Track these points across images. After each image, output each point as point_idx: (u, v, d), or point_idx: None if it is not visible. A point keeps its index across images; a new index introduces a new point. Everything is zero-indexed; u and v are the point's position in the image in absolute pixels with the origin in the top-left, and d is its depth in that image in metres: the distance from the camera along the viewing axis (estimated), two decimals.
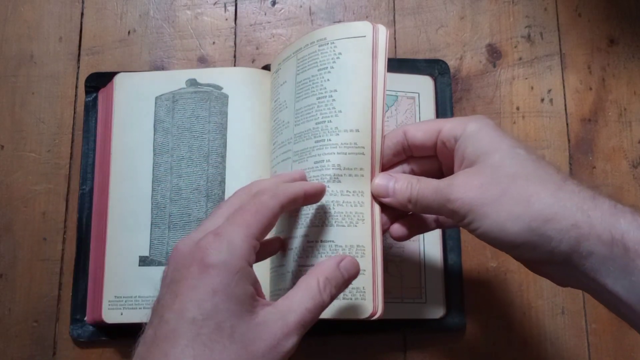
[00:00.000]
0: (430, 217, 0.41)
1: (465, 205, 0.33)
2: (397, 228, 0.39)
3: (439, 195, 0.35)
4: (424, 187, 0.36)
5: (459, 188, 0.34)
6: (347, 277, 0.34)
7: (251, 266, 0.31)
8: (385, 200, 0.37)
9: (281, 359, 0.30)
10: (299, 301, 0.32)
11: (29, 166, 0.51)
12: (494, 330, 0.49)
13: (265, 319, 0.30)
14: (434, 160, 0.39)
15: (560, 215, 0.31)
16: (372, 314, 0.37)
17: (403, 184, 0.37)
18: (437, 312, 0.48)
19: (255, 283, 0.31)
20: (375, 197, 0.38)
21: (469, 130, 0.36)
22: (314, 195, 0.37)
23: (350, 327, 0.47)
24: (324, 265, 0.34)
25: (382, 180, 0.38)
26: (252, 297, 0.31)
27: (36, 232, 0.49)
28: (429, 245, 0.49)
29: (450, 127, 0.37)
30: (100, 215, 0.48)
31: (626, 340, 0.50)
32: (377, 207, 0.38)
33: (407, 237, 0.40)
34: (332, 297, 0.33)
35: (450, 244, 0.50)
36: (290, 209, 0.36)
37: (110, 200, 0.48)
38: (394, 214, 0.39)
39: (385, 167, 0.39)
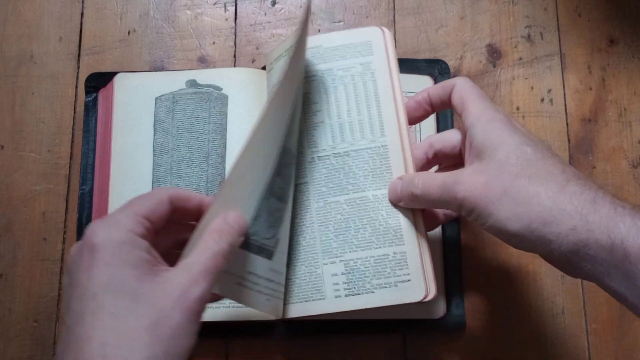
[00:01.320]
0: (439, 211, 0.43)
1: (471, 203, 0.34)
2: None
3: (445, 191, 0.36)
4: (430, 183, 0.37)
5: (465, 186, 0.35)
6: (237, 228, 0.35)
7: (143, 237, 0.32)
8: (401, 204, 0.40)
9: (194, 305, 0.31)
10: (198, 255, 0.33)
11: (29, 166, 0.51)
12: (494, 330, 0.49)
13: (168, 277, 0.31)
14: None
15: (558, 219, 0.32)
16: (425, 297, 0.40)
17: (408, 183, 0.39)
18: (437, 312, 0.48)
19: (150, 251, 0.32)
20: (395, 203, 0.41)
21: (481, 120, 0.36)
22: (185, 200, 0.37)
23: (350, 327, 0.47)
24: (212, 223, 0.35)
25: (392, 184, 0.41)
26: (148, 262, 0.31)
27: (36, 232, 0.49)
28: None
29: (471, 111, 0.37)
30: (100, 215, 0.48)
31: (626, 340, 0.50)
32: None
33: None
34: (231, 245, 0.34)
35: (450, 244, 0.50)
36: (179, 205, 0.36)
37: (110, 201, 0.48)
38: None
39: (438, 111, 0.44)
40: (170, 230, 0.36)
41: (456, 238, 0.50)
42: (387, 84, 0.43)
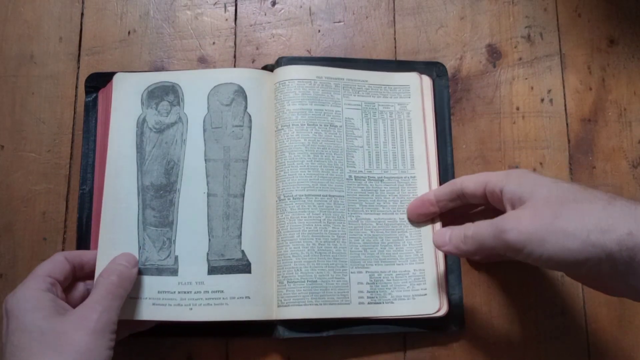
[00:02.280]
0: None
1: (521, 235, 0.35)
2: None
3: (493, 227, 0.37)
4: (480, 225, 0.39)
5: (513, 220, 0.36)
6: (124, 263, 0.43)
7: (48, 291, 0.39)
8: (444, 248, 0.42)
9: (94, 324, 0.37)
10: (93, 293, 0.40)
11: (29, 166, 0.51)
12: (494, 330, 0.49)
13: (70, 313, 0.38)
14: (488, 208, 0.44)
15: (614, 225, 0.33)
16: (438, 310, 0.46)
17: (459, 229, 0.41)
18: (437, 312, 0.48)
19: (55, 300, 0.38)
20: (438, 248, 0.43)
21: (511, 179, 0.39)
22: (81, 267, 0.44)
23: (350, 326, 0.47)
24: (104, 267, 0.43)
25: (440, 232, 0.43)
26: (53, 307, 0.38)
27: (36, 232, 0.49)
28: None
29: (495, 180, 0.40)
30: (100, 215, 0.48)
31: (626, 340, 0.50)
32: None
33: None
34: (119, 277, 0.41)
35: None
36: (77, 260, 0.43)
37: (104, 203, 0.48)
38: None
39: (444, 211, 0.46)
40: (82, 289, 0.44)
41: None
42: (420, 124, 0.50)
